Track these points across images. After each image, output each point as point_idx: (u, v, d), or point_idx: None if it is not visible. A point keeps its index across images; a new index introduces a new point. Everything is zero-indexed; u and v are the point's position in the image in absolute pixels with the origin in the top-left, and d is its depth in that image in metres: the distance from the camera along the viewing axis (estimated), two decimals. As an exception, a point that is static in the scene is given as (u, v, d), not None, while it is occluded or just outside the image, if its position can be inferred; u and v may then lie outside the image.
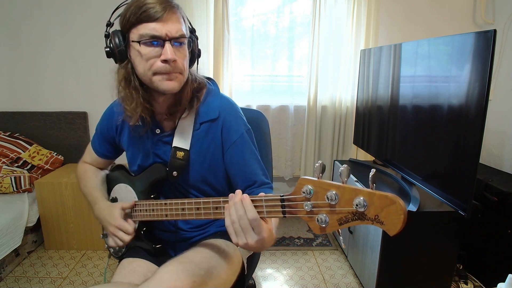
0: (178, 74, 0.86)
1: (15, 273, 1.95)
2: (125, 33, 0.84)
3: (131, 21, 0.81)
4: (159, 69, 0.83)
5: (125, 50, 0.85)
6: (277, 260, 2.11)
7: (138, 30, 0.81)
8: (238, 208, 0.70)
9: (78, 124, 2.45)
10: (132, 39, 0.83)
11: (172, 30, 0.82)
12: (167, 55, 0.81)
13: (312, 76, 2.35)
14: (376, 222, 0.55)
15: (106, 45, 0.86)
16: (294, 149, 2.59)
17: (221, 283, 0.87)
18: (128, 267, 0.96)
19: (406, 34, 2.40)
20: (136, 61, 0.85)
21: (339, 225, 0.59)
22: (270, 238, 0.72)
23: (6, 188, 2.03)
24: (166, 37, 0.81)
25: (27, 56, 2.39)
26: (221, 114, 0.96)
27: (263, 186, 0.97)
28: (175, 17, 0.83)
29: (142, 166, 1.01)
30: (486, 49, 1.14)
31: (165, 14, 0.80)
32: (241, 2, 2.42)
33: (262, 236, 0.69)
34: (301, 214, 0.64)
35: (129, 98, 0.88)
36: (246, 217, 0.69)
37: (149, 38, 0.81)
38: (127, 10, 0.82)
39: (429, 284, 1.63)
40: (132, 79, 0.87)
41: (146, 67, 0.83)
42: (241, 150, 0.96)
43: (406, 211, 0.52)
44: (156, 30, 0.80)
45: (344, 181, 0.59)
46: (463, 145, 1.31)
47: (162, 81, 0.84)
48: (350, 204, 0.57)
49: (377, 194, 0.54)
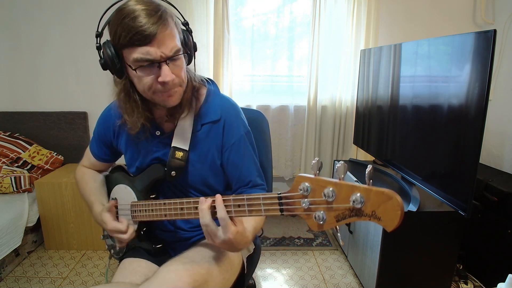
0: (178, 87, 0.85)
1: (15, 273, 1.95)
2: (118, 51, 0.80)
3: (122, 42, 0.77)
4: (159, 90, 0.82)
5: (121, 68, 0.82)
6: (277, 260, 2.11)
7: (131, 53, 0.77)
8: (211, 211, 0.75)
9: (78, 124, 2.45)
10: (127, 62, 0.80)
11: (167, 50, 0.78)
12: (165, 78, 0.79)
13: (312, 76, 2.35)
14: (374, 218, 0.54)
15: (100, 57, 0.83)
16: (294, 149, 2.59)
17: (222, 282, 0.87)
18: (129, 267, 0.96)
19: (406, 34, 2.40)
20: (134, 80, 0.84)
21: (336, 221, 0.59)
22: (241, 239, 0.75)
23: (6, 188, 2.03)
24: (161, 59, 0.78)
25: (27, 56, 2.39)
26: (223, 115, 0.96)
27: (256, 187, 0.98)
28: (168, 32, 0.78)
29: (140, 167, 1.01)
30: (486, 49, 1.14)
31: (157, 34, 0.76)
32: (241, 2, 2.42)
33: (228, 237, 0.72)
34: (299, 211, 0.64)
35: (129, 112, 0.88)
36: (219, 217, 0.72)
37: (144, 62, 0.78)
38: (117, 27, 0.77)
39: (429, 284, 1.63)
40: (131, 93, 0.87)
41: (145, 88, 0.82)
42: (238, 152, 0.96)
43: (403, 207, 0.52)
44: (150, 54, 0.77)
45: (341, 178, 0.59)
46: (463, 145, 1.31)
47: (163, 97, 0.84)
48: (347, 200, 0.57)
49: (374, 190, 0.54)
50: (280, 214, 0.68)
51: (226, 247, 0.76)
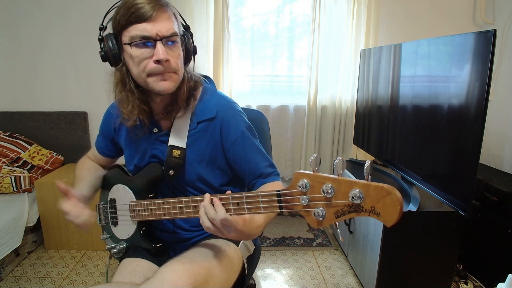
0: (173, 73, 0.85)
1: (15, 273, 1.95)
2: (117, 35, 0.84)
3: (122, 23, 0.81)
4: (153, 70, 0.82)
5: (118, 53, 0.84)
6: (277, 260, 2.11)
7: (128, 32, 0.81)
8: (208, 210, 0.74)
9: (78, 124, 2.45)
10: (124, 42, 0.82)
11: (163, 29, 0.81)
12: (159, 55, 0.80)
13: (312, 76, 2.35)
14: (373, 213, 0.54)
15: (101, 49, 0.86)
16: (294, 149, 2.59)
17: (222, 282, 0.87)
18: (129, 267, 0.96)
19: (406, 34, 2.40)
20: (129, 63, 0.85)
21: (336, 218, 0.59)
22: (250, 226, 0.76)
23: (6, 188, 2.03)
24: (157, 37, 0.80)
25: (27, 56, 2.39)
26: (219, 112, 0.96)
27: (269, 176, 0.97)
28: (166, 15, 0.82)
29: (138, 165, 1.01)
30: (486, 49, 1.14)
31: (154, 13, 0.79)
32: (241, 2, 2.42)
33: (237, 229, 0.73)
34: (298, 208, 0.64)
35: (125, 101, 0.89)
36: (217, 218, 0.72)
37: (139, 39, 0.80)
38: (117, 13, 0.82)
39: (429, 284, 1.63)
40: (128, 82, 0.87)
41: (139, 69, 0.83)
42: (243, 148, 0.96)
43: (402, 201, 0.52)
44: (146, 31, 0.79)
45: (340, 174, 0.59)
46: (463, 145, 1.31)
47: (157, 82, 0.84)
48: (346, 196, 0.57)
49: (373, 185, 0.54)
50: (280, 211, 0.68)
51: (242, 236, 0.77)
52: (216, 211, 0.73)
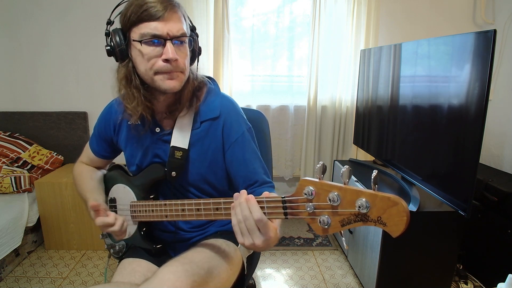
0: (179, 73, 0.86)
1: (15, 273, 1.95)
2: (126, 31, 0.84)
3: (132, 20, 0.81)
4: (161, 69, 0.83)
5: (126, 49, 0.85)
6: (277, 260, 2.11)
7: (139, 29, 0.81)
8: (243, 208, 0.68)
9: (78, 124, 2.45)
10: (133, 38, 0.83)
11: (173, 29, 0.82)
12: (168, 55, 0.81)
13: (312, 76, 2.35)
14: (379, 223, 0.54)
15: (107, 44, 0.86)
16: (294, 149, 2.59)
17: (222, 283, 0.87)
18: (128, 267, 0.96)
19: (406, 34, 2.40)
20: (137, 60, 0.85)
21: (341, 226, 0.59)
22: (276, 237, 0.71)
23: (6, 188, 2.03)
24: (167, 36, 0.81)
25: (27, 56, 2.39)
26: (222, 113, 0.96)
27: (265, 185, 0.96)
28: (176, 16, 0.83)
29: (140, 165, 1.01)
30: (486, 49, 1.14)
31: (166, 13, 0.80)
32: (241, 2, 2.42)
33: (269, 236, 0.67)
34: (303, 215, 0.64)
35: (130, 97, 0.88)
36: (252, 218, 0.67)
37: (150, 38, 0.81)
38: (127, 9, 0.82)
39: (429, 284, 1.63)
40: (133, 78, 0.87)
41: (147, 67, 0.84)
42: (242, 149, 0.96)
43: (409, 213, 0.52)
44: (157, 29, 0.80)
45: (346, 182, 0.59)
46: (463, 145, 1.31)
47: (164, 80, 0.85)
48: (352, 205, 0.56)
49: (380, 195, 0.54)
50: (285, 218, 0.67)
51: (263, 245, 0.68)
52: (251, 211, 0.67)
